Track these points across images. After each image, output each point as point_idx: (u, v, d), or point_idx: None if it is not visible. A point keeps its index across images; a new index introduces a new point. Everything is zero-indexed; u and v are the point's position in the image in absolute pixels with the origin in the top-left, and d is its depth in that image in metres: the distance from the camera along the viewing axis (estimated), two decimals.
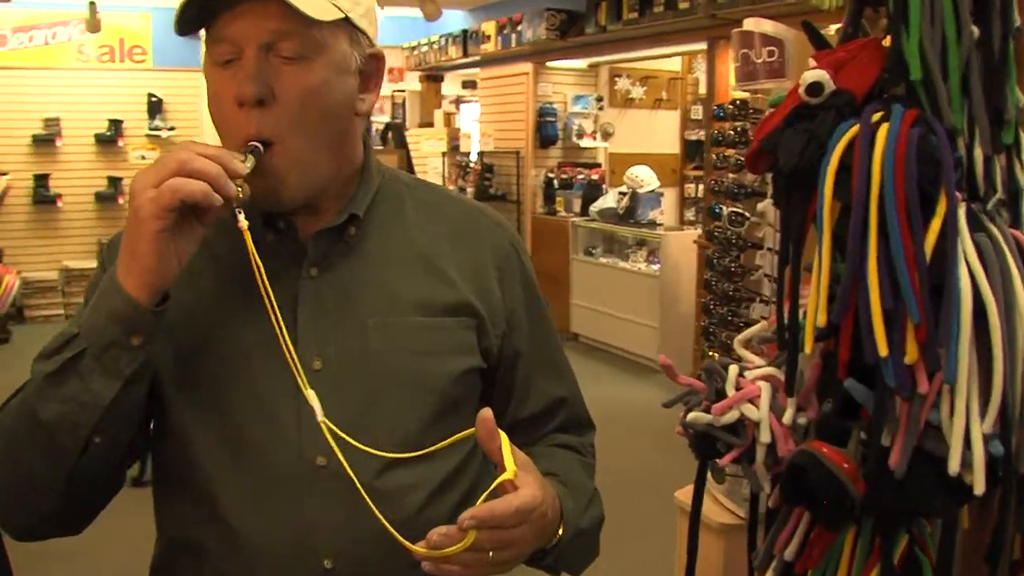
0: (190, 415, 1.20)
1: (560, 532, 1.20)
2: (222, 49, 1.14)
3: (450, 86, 12.32)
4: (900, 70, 1.08)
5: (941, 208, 1.04)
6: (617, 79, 9.69)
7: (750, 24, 1.92)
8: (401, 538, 1.05)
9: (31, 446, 1.12)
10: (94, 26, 9.47)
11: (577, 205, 8.80)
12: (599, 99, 9.54)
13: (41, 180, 9.96)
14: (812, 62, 1.16)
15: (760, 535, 1.36)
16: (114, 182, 10.21)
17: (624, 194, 8.10)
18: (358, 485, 1.11)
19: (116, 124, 10.18)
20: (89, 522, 1.25)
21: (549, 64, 9.25)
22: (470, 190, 9.77)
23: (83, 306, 1.16)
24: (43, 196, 9.95)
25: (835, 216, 1.10)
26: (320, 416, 1.11)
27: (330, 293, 1.22)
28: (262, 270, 1.11)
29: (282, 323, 1.11)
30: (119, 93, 10.19)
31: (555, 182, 9.15)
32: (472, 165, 9.95)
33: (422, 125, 11.47)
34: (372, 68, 1.24)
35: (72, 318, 1.16)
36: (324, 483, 1.18)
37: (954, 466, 1.04)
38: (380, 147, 5.47)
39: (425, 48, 10.64)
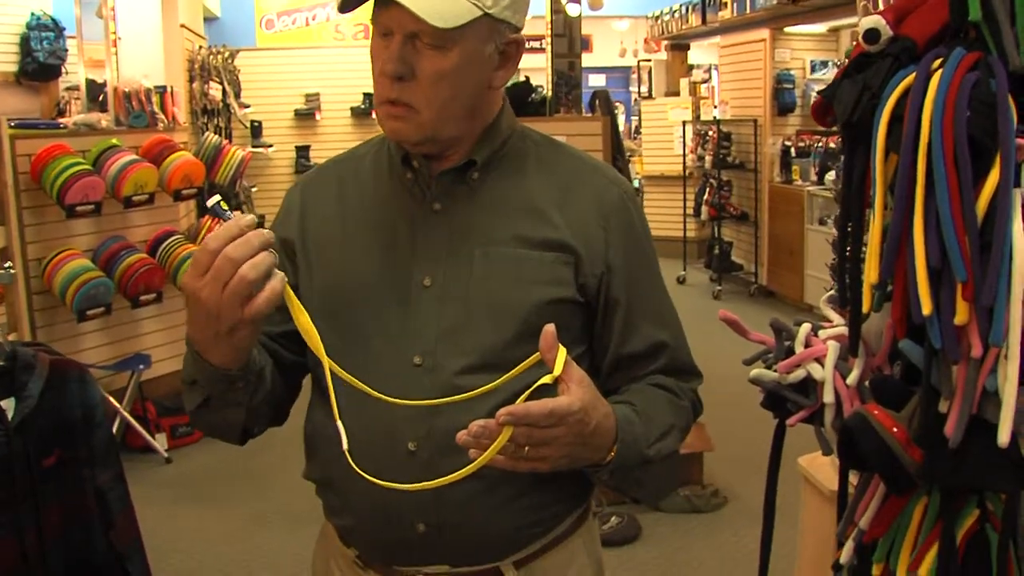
0: (324, 321, 1.37)
1: (613, 451, 1.30)
2: (380, 28, 1.34)
3: (707, 54, 12.18)
4: (960, 10, 1.01)
5: (998, 160, 0.97)
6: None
7: None
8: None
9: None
10: (344, 4, 10.02)
11: (814, 174, 8.50)
12: (839, 65, 9.11)
13: (302, 151, 10.64)
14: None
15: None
16: None
17: None
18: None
19: (370, 97, 10.70)
20: (286, 416, 1.53)
21: (787, 30, 8.96)
22: (708, 158, 9.62)
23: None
24: (303, 166, 10.61)
25: (891, 170, 1.04)
26: (345, 445, 1.23)
27: (447, 225, 1.42)
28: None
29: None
30: None
31: (792, 150, 8.87)
32: (711, 134, 9.79)
33: (668, 94, 11.40)
34: (512, 51, 1.40)
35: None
36: (416, 379, 1.37)
37: (1004, 437, 0.98)
38: (588, 114, 5.48)
39: (667, 17, 10.53)
